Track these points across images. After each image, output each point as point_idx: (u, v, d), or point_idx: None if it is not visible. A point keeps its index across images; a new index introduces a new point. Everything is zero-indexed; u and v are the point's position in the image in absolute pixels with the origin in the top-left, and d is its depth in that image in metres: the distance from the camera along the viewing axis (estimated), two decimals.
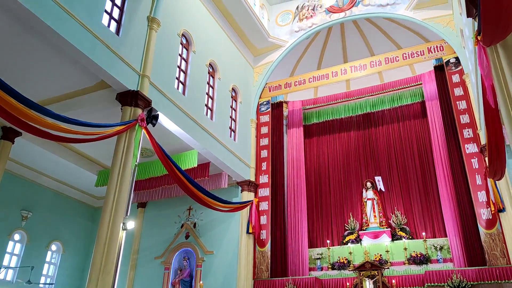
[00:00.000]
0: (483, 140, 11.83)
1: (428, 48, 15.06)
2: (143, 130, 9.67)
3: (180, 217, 15.95)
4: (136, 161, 9.47)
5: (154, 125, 10.06)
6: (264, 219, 15.01)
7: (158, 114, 10.24)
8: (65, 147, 13.40)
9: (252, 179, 15.55)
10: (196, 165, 12.73)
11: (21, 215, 14.77)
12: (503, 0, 4.27)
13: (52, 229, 16.09)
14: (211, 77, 14.58)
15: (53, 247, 16.26)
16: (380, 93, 16.96)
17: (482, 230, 11.85)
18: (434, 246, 13.43)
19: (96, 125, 8.68)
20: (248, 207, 14.61)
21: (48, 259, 15.94)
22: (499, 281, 11.15)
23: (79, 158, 14.00)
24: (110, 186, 8.94)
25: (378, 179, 15.48)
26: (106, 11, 9.84)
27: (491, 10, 4.57)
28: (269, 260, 14.35)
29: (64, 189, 16.68)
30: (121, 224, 8.70)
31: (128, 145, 9.35)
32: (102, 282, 8.03)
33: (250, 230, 14.36)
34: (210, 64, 14.44)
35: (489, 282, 11.27)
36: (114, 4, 10.25)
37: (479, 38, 5.53)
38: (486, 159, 10.42)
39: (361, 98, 17.23)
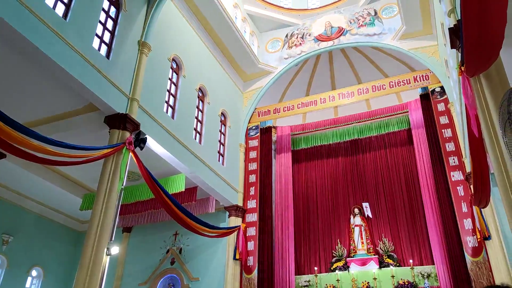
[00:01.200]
0: (468, 168, 11.95)
1: (414, 77, 15.40)
2: (130, 153, 9.61)
3: (166, 243, 15.68)
4: (123, 185, 9.37)
5: (142, 148, 10.03)
6: (251, 245, 14.82)
7: (146, 137, 10.22)
8: (50, 170, 13.19)
9: (240, 204, 15.43)
10: (183, 189, 12.63)
11: (1, 239, 14.36)
12: (484, 32, 4.41)
13: (33, 254, 15.60)
14: (200, 101, 14.64)
15: (34, 273, 15.73)
16: (368, 120, 17.21)
17: (468, 258, 11.83)
18: (421, 273, 13.37)
19: (83, 148, 8.60)
20: (236, 232, 14.44)
21: (28, 285, 15.40)
22: None
23: (64, 181, 13.79)
24: (95, 210, 8.80)
25: (365, 205, 15.49)
26: (97, 35, 9.91)
27: (473, 42, 4.71)
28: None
29: (47, 213, 16.28)
30: (105, 249, 8.53)
31: (115, 168, 9.27)
32: None
33: (237, 256, 14.14)
34: (199, 88, 14.53)
35: None
36: (105, 28, 10.34)
37: (462, 68, 5.69)
38: (472, 186, 10.52)
39: (348, 124, 17.44)
